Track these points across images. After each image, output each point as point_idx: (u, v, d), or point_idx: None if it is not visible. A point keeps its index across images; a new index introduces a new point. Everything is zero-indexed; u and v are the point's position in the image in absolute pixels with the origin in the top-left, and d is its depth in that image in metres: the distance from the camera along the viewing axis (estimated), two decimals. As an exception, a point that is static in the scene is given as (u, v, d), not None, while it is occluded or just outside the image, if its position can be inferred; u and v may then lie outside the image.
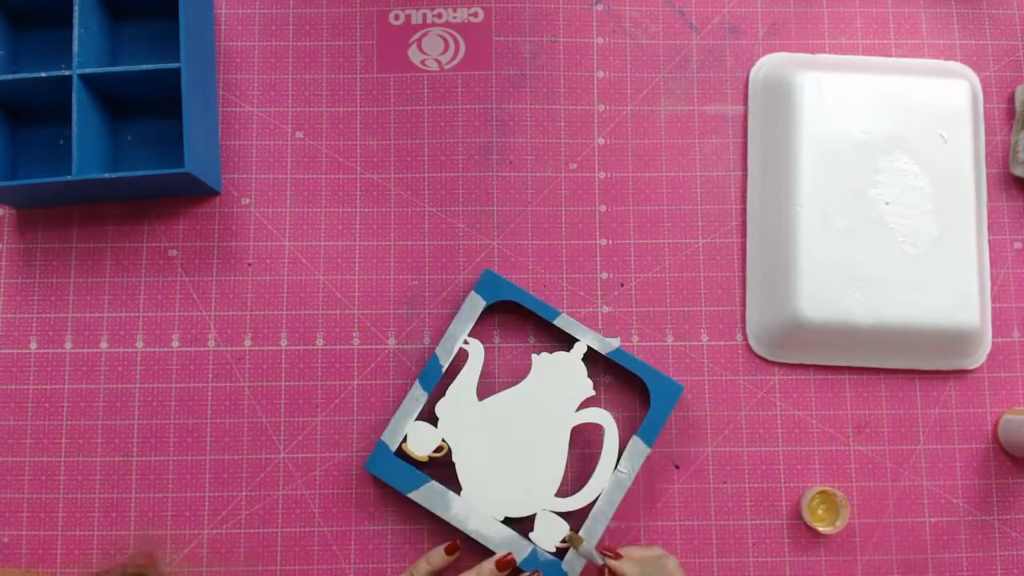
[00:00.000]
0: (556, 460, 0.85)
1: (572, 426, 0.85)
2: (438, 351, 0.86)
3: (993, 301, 0.91)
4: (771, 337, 0.89)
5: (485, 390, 0.87)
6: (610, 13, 0.95)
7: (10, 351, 0.89)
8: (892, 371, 0.90)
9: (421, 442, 0.84)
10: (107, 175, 0.82)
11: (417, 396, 0.85)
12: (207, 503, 0.87)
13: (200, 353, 0.89)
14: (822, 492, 0.85)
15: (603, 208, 0.92)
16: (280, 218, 0.91)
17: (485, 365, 0.87)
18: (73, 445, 0.87)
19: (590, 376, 0.86)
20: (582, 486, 0.84)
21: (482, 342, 0.87)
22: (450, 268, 0.91)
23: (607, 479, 0.84)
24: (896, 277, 0.87)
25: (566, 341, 0.88)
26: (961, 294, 0.87)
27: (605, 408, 0.87)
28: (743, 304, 0.91)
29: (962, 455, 0.89)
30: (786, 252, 0.88)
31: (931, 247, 0.88)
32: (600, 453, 0.85)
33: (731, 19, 0.95)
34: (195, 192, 0.90)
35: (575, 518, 0.85)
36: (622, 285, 0.91)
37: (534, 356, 0.86)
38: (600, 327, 0.90)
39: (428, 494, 0.84)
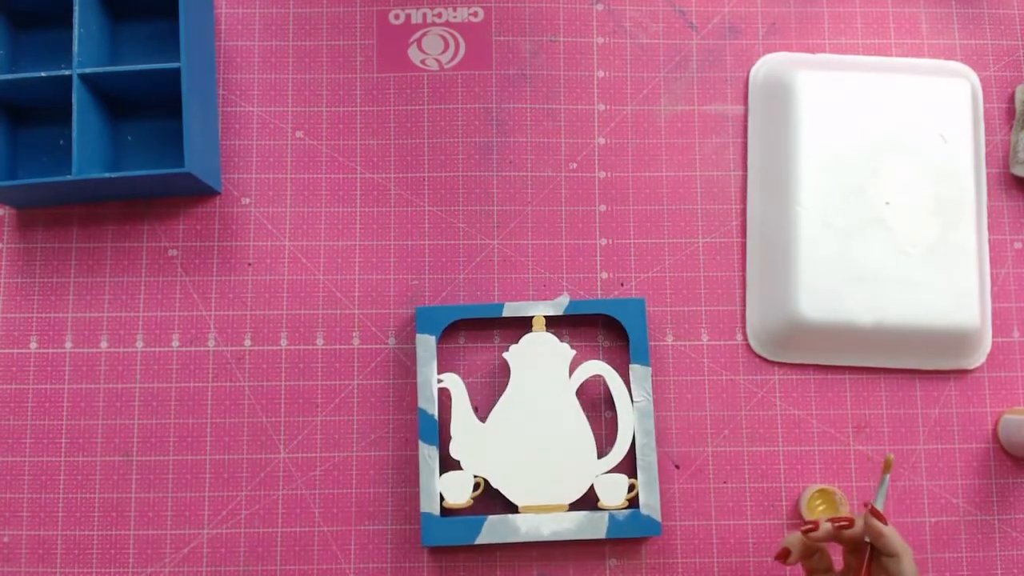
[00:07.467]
0: (581, 428, 0.86)
1: (574, 391, 0.87)
2: (421, 404, 0.86)
3: (993, 301, 0.91)
4: (771, 337, 0.89)
5: (486, 406, 0.88)
6: (610, 13, 0.95)
7: (10, 351, 0.89)
8: (892, 371, 0.90)
9: (457, 491, 0.84)
10: (107, 175, 0.82)
11: (429, 454, 0.85)
12: (207, 503, 0.87)
13: (200, 353, 0.89)
14: (821, 490, 0.85)
15: (603, 208, 0.92)
16: (280, 218, 0.91)
17: (469, 387, 0.87)
18: (73, 445, 0.87)
19: (562, 340, 0.88)
20: (614, 438, 0.85)
21: (455, 372, 0.87)
22: (450, 268, 0.90)
23: (631, 414, 0.86)
24: (896, 277, 0.87)
25: (525, 324, 0.89)
26: (961, 294, 0.87)
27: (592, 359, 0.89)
28: (743, 304, 0.91)
29: (962, 455, 0.89)
30: (786, 252, 0.88)
31: (931, 247, 0.88)
32: (612, 400, 0.86)
33: (731, 19, 0.95)
34: (195, 192, 0.90)
35: (625, 465, 0.86)
36: (622, 285, 0.91)
37: (505, 355, 0.87)
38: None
39: (493, 530, 0.84)
